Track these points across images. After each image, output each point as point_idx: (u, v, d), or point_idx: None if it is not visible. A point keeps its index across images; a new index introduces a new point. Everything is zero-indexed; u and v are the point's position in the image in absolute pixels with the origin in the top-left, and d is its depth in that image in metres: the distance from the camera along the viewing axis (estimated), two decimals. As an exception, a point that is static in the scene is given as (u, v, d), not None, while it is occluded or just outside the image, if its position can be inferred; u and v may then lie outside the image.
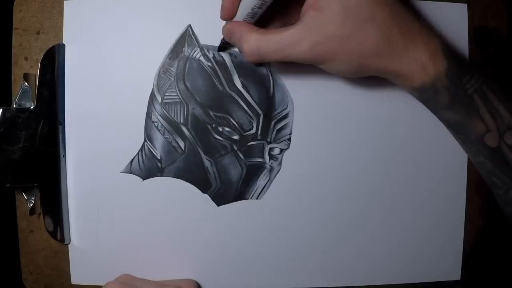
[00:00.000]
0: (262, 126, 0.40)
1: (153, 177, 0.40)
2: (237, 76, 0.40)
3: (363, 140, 0.41)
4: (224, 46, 0.39)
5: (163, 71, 0.40)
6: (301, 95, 0.40)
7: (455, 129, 0.35)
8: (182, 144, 0.40)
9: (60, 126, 0.39)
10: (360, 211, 0.41)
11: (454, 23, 0.41)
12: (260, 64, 0.40)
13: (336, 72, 0.35)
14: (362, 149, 0.41)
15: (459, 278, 0.42)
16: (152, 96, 0.40)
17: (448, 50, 0.33)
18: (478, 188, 0.42)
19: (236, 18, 0.35)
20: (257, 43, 0.33)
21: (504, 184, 0.34)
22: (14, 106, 0.38)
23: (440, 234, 0.42)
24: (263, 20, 0.36)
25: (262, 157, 0.40)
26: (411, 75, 0.33)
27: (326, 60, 0.33)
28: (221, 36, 0.39)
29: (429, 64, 0.32)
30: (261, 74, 0.40)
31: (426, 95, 0.34)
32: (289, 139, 0.40)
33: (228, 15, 0.35)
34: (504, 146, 0.33)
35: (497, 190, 0.35)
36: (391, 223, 0.41)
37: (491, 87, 0.33)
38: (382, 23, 0.32)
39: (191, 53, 0.39)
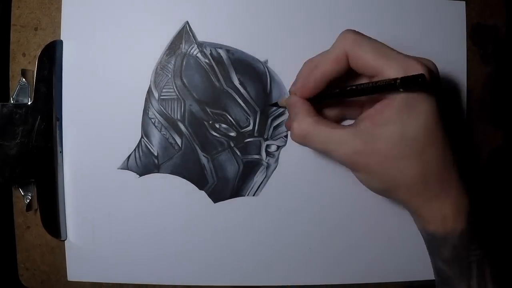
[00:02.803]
0: (259, 123, 0.40)
1: (150, 173, 0.40)
2: (234, 73, 0.40)
3: (360, 138, 0.41)
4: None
5: (160, 68, 0.40)
6: (298, 92, 0.40)
7: (442, 280, 0.34)
8: (179, 141, 0.40)
9: (57, 122, 0.39)
10: (356, 208, 0.41)
11: (452, 20, 0.41)
12: (257, 60, 0.40)
13: (364, 184, 0.34)
14: (359, 147, 0.41)
15: (457, 277, 0.42)
16: (149, 92, 0.40)
17: (472, 214, 0.33)
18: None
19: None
20: (307, 129, 0.33)
21: None
22: (12, 101, 0.38)
23: (438, 233, 0.42)
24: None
25: (259, 154, 0.40)
26: (429, 220, 0.33)
27: (360, 171, 0.33)
28: (219, 34, 0.39)
29: (450, 219, 0.32)
30: (258, 71, 0.40)
31: (432, 241, 0.34)
32: (286, 136, 0.40)
33: (304, 94, 0.35)
34: None
35: None
36: (387, 220, 0.41)
37: (491, 262, 0.33)
38: (427, 164, 0.31)
39: (188, 50, 0.40)
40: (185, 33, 0.40)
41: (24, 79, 0.38)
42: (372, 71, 0.32)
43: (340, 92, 0.34)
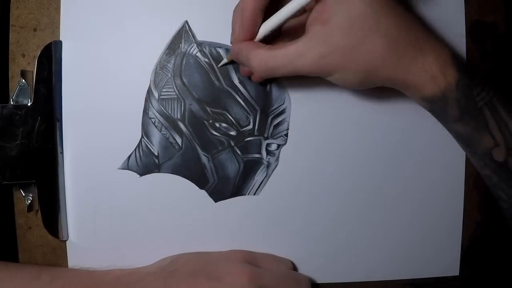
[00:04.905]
0: (259, 122, 0.40)
1: (150, 173, 0.40)
2: (234, 71, 0.40)
3: (360, 136, 0.41)
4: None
5: (160, 67, 0.40)
6: (298, 90, 0.40)
7: (464, 142, 0.35)
8: (179, 140, 0.40)
9: (57, 123, 0.39)
10: (357, 207, 0.41)
11: (451, 17, 0.41)
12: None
13: (344, 84, 0.34)
14: (359, 145, 0.41)
15: (457, 274, 0.42)
16: (149, 92, 0.40)
17: (458, 61, 0.33)
18: (476, 184, 0.42)
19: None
20: (264, 57, 0.33)
21: (509, 198, 0.34)
22: (12, 103, 0.38)
23: (438, 230, 0.42)
24: (269, 39, 0.36)
25: (259, 152, 0.40)
26: (421, 85, 0.33)
27: (333, 72, 0.33)
28: (218, 33, 0.39)
29: (439, 75, 0.32)
30: (258, 69, 0.40)
31: (436, 106, 0.34)
32: (286, 135, 0.40)
33: (247, 37, 0.35)
34: (510, 161, 0.32)
35: (503, 203, 0.35)
36: (389, 218, 0.41)
37: (501, 100, 0.32)
38: (388, 32, 0.32)
39: (188, 49, 0.40)
40: (184, 32, 0.40)
41: (23, 80, 0.38)
42: None
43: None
